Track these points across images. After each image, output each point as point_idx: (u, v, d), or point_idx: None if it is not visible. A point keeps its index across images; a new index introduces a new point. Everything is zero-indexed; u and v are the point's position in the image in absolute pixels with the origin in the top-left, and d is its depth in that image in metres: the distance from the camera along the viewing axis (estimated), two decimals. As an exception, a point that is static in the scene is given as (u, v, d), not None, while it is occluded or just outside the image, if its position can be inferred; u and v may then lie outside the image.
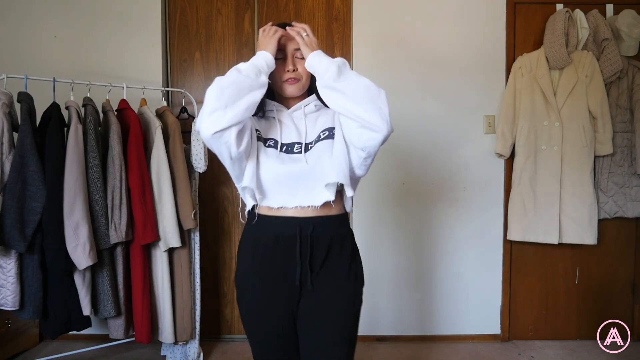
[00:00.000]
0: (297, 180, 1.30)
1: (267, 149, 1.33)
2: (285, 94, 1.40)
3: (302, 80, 1.39)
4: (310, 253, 1.30)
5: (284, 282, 1.32)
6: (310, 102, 1.42)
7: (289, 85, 1.38)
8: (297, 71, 1.37)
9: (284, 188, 1.31)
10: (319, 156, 1.31)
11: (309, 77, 1.39)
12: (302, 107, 1.41)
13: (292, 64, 1.37)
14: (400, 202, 2.94)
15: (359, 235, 1.57)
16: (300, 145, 1.34)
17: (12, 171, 1.98)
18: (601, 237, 2.86)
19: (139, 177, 2.23)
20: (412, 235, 2.96)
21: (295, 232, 1.29)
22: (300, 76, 1.38)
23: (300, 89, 1.39)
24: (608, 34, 2.73)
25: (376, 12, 2.88)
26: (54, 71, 2.47)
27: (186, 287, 2.45)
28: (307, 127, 1.38)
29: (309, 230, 1.30)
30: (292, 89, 1.38)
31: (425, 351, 2.83)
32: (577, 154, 2.74)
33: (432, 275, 2.97)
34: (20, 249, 1.98)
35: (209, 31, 2.93)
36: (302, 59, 1.37)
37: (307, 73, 1.37)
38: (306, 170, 1.30)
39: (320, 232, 1.31)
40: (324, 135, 1.34)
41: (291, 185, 1.31)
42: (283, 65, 1.38)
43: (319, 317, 1.32)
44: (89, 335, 2.77)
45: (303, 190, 1.31)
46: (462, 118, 2.92)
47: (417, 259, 2.97)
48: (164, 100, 2.69)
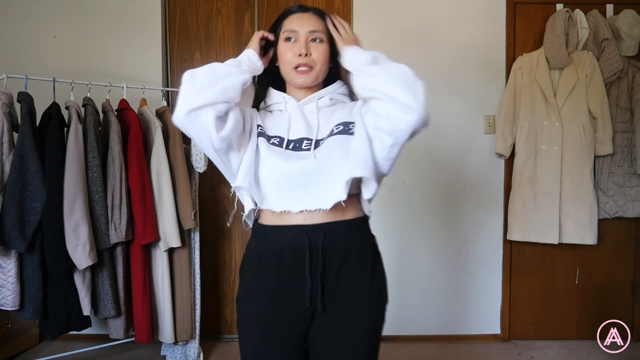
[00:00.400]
0: (304, 180, 1.11)
1: (270, 146, 1.15)
2: (296, 84, 1.20)
3: (316, 69, 1.18)
4: (323, 267, 1.09)
5: (291, 304, 1.11)
6: (325, 94, 1.22)
7: (299, 75, 1.18)
8: (311, 57, 1.17)
9: (288, 189, 1.12)
10: (330, 151, 1.11)
11: (326, 64, 1.20)
12: (315, 100, 1.20)
13: (306, 47, 1.16)
14: (400, 203, 2.94)
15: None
16: (310, 141, 1.14)
17: (12, 171, 1.97)
18: (601, 237, 2.86)
19: (139, 177, 2.23)
20: (412, 236, 2.96)
21: (304, 243, 1.09)
22: (313, 63, 1.17)
23: (314, 78, 1.19)
24: (608, 34, 2.73)
25: (376, 12, 2.88)
26: (54, 71, 2.47)
27: (186, 287, 2.45)
28: (320, 122, 1.18)
29: (320, 239, 1.09)
30: (303, 79, 1.18)
31: (424, 351, 2.83)
32: (577, 154, 2.74)
33: (431, 275, 2.97)
34: (20, 249, 1.98)
35: (209, 31, 2.93)
36: (319, 43, 1.18)
37: (323, 60, 1.19)
38: (314, 167, 1.10)
39: (334, 240, 1.10)
40: (337, 130, 1.14)
41: (296, 185, 1.11)
42: (293, 47, 1.18)
43: (334, 344, 1.11)
44: (89, 335, 2.77)
45: (310, 191, 1.11)
46: (462, 118, 2.92)
47: (416, 259, 2.97)
48: (164, 100, 2.69)
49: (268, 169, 1.12)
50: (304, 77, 1.18)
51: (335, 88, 1.24)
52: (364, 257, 1.14)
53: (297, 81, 1.19)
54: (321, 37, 1.19)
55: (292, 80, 1.20)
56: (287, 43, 1.19)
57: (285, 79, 1.23)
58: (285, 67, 1.20)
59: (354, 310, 1.12)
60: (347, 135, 1.12)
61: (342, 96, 1.25)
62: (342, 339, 1.11)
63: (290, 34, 1.18)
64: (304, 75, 1.18)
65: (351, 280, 1.12)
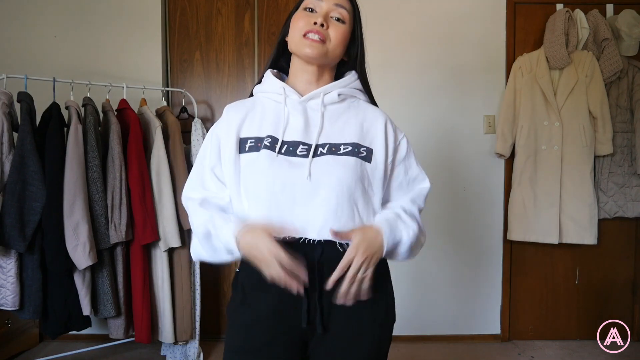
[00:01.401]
0: (293, 195, 0.97)
1: (259, 151, 1.01)
2: (301, 53, 1.03)
3: (329, 45, 1.03)
4: (320, 285, 0.96)
5: (284, 325, 0.99)
6: (333, 89, 1.06)
7: (308, 43, 1.01)
8: (327, 30, 1.02)
9: (273, 206, 0.98)
10: (329, 172, 0.98)
11: (340, 46, 1.05)
12: (320, 95, 1.05)
13: (324, 18, 1.02)
14: (400, 202, 2.94)
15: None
16: (307, 147, 1.00)
17: (12, 171, 1.97)
18: (601, 237, 2.86)
19: (139, 177, 2.23)
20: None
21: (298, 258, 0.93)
22: (327, 38, 1.02)
23: (323, 53, 1.02)
24: (608, 34, 2.73)
25: (376, 13, 2.88)
26: (54, 71, 2.47)
27: (186, 287, 2.45)
28: (325, 122, 1.03)
29: (317, 254, 0.96)
30: (311, 49, 1.01)
31: (425, 351, 2.83)
32: (577, 154, 2.74)
33: (431, 275, 2.97)
34: (20, 248, 1.98)
35: (209, 31, 2.93)
36: (339, 23, 1.04)
37: (339, 40, 1.04)
38: (305, 186, 0.97)
39: (333, 255, 0.96)
40: (344, 150, 1.00)
41: (286, 199, 0.97)
42: (309, 16, 1.03)
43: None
44: (89, 335, 2.77)
45: (300, 209, 0.97)
46: (462, 118, 2.92)
47: (416, 259, 2.95)
48: (164, 100, 2.69)
49: (253, 180, 1.00)
50: (312, 46, 1.01)
51: (346, 82, 1.09)
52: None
53: (304, 50, 1.02)
54: (344, 17, 1.05)
55: (299, 49, 1.03)
56: (304, 12, 1.05)
57: (292, 50, 1.07)
58: (294, 35, 1.04)
59: (357, 334, 1.00)
60: (356, 159, 1.00)
61: (354, 91, 1.10)
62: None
63: (312, 2, 1.04)
64: (313, 45, 1.01)
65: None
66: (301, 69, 1.07)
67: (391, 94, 2.88)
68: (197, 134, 2.50)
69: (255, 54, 2.93)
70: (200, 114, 2.88)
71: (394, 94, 2.88)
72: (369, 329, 1.01)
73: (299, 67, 1.08)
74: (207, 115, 2.95)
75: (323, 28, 1.02)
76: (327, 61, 1.06)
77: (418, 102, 2.90)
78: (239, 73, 2.95)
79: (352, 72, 1.12)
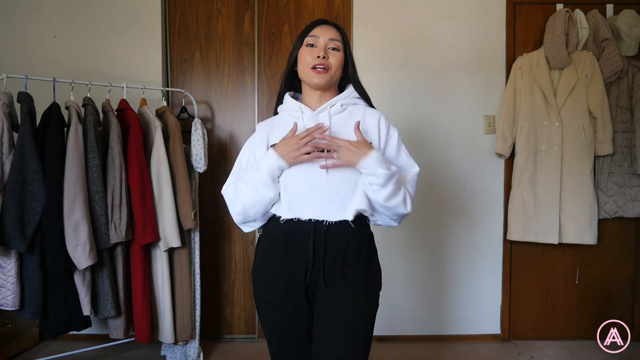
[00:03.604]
0: (312, 186, 1.30)
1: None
2: (312, 82, 1.35)
3: (331, 72, 1.35)
4: (324, 251, 1.29)
5: (294, 278, 1.31)
6: (336, 102, 1.38)
7: (316, 74, 1.34)
8: (328, 60, 1.34)
9: (298, 198, 1.31)
10: (342, 169, 1.30)
11: (340, 70, 1.38)
12: (327, 108, 1.37)
13: (324, 51, 1.34)
14: (400, 202, 2.94)
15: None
16: (322, 150, 1.31)
17: (12, 171, 1.98)
18: (601, 237, 2.87)
19: (139, 177, 2.23)
20: (412, 236, 2.96)
21: (310, 228, 1.29)
22: (329, 66, 1.34)
23: (328, 80, 1.35)
24: (608, 34, 2.73)
25: (376, 13, 2.88)
26: (54, 71, 2.47)
27: (186, 287, 2.45)
28: (332, 130, 1.34)
29: (324, 229, 1.29)
30: (318, 78, 1.34)
31: (425, 351, 2.83)
32: (577, 154, 2.74)
33: (431, 275, 2.97)
34: (20, 249, 1.98)
35: (209, 31, 2.93)
36: (335, 51, 1.36)
37: (338, 65, 1.36)
38: (324, 179, 1.30)
39: (336, 232, 1.30)
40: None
41: (308, 193, 1.30)
42: (312, 51, 1.35)
43: (332, 321, 1.30)
44: (89, 335, 2.78)
45: (318, 202, 1.30)
46: (462, 118, 2.92)
47: (416, 259, 2.97)
48: (164, 100, 2.69)
49: (289, 178, 1.31)
50: (319, 76, 1.33)
51: (346, 94, 1.40)
52: (362, 251, 1.33)
53: (313, 80, 1.34)
54: (338, 46, 1.36)
55: (309, 79, 1.35)
56: (308, 48, 1.36)
57: (303, 79, 1.39)
58: (304, 68, 1.36)
59: (350, 297, 1.30)
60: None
61: (354, 99, 1.42)
62: (339, 320, 1.29)
63: (312, 39, 1.36)
64: (320, 74, 1.33)
65: (349, 270, 1.31)
66: (311, 91, 1.40)
67: (391, 94, 2.88)
68: (197, 134, 2.50)
69: (255, 54, 2.93)
70: (200, 114, 2.88)
71: (394, 94, 2.89)
72: (361, 287, 1.32)
73: (309, 90, 1.40)
74: (207, 115, 2.95)
75: (325, 59, 1.33)
76: (331, 83, 1.38)
77: (418, 102, 2.90)
78: (239, 73, 2.95)
79: (350, 86, 1.43)
